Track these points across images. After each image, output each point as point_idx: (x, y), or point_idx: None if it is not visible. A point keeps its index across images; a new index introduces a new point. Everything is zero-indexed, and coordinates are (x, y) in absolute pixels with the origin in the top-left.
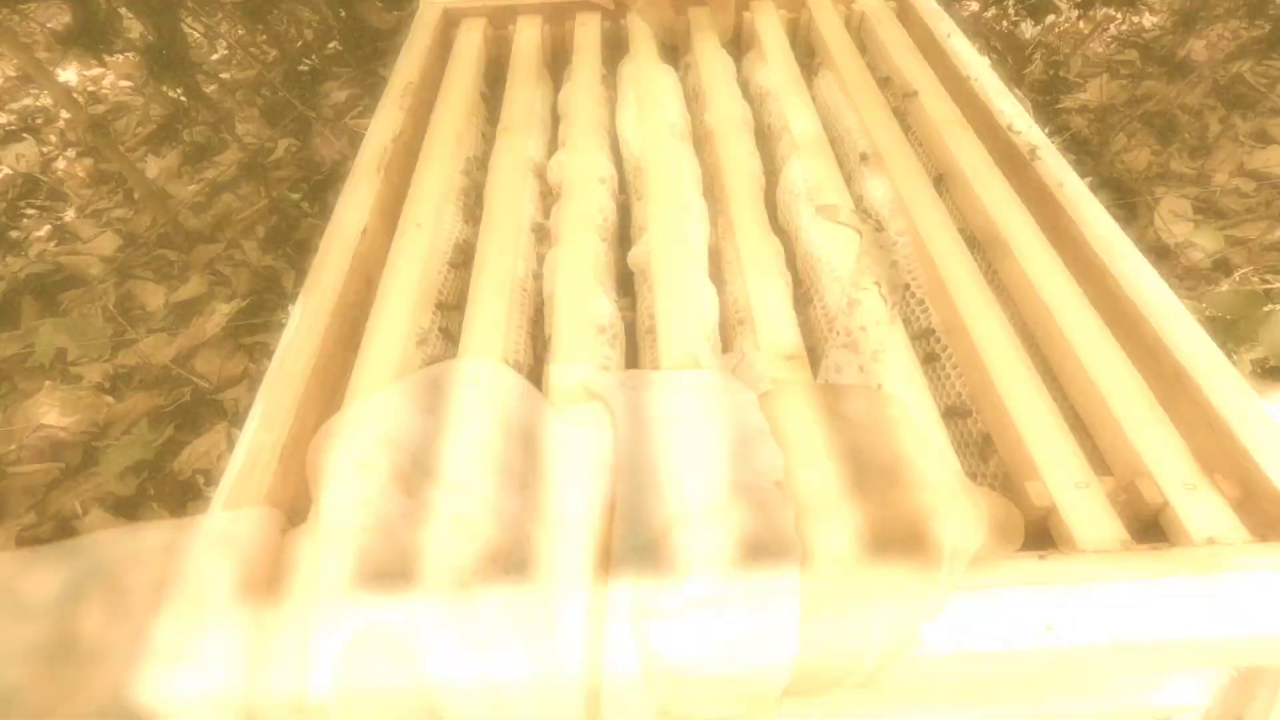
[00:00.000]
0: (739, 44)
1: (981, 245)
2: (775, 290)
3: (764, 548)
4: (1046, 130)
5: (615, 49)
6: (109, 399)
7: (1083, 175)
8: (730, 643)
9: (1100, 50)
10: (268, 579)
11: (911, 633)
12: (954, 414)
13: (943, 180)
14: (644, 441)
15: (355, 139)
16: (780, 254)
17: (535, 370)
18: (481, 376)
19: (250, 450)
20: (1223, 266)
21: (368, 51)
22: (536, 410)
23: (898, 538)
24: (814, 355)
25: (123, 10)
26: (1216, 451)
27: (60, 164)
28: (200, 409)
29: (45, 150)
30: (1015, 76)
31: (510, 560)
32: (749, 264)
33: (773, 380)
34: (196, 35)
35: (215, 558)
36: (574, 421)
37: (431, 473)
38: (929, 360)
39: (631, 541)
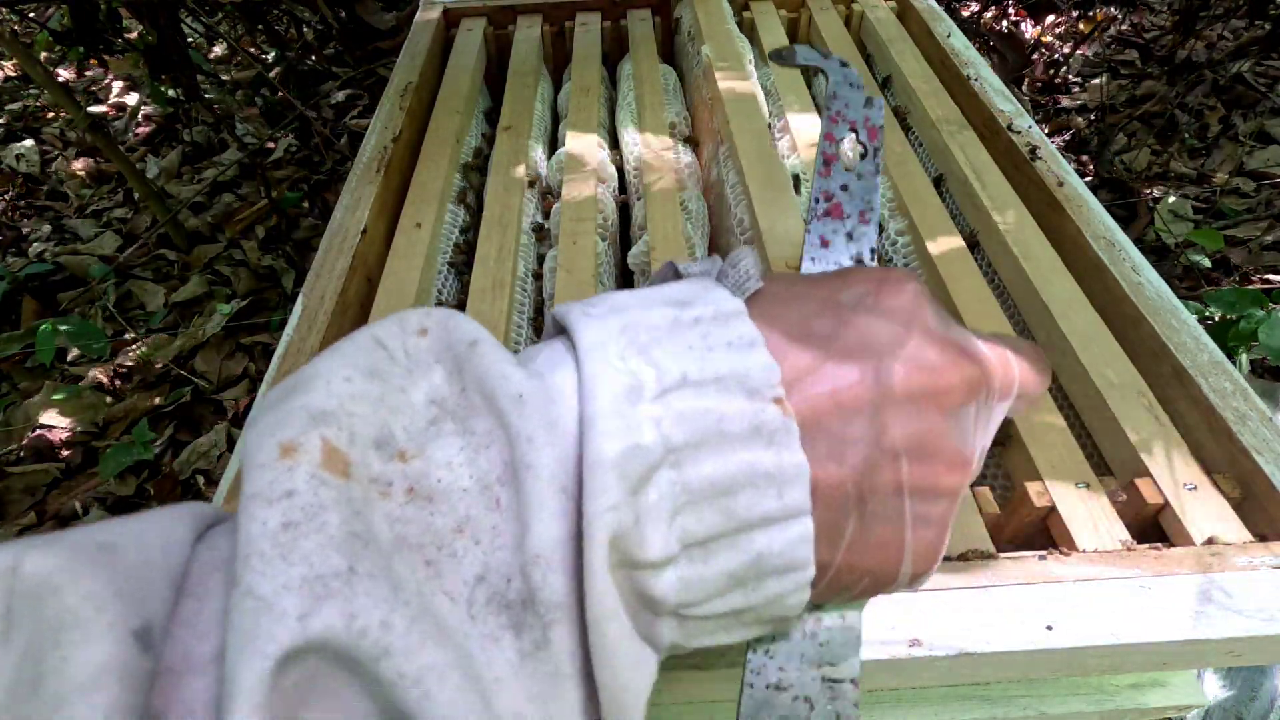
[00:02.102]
0: None
1: (981, 245)
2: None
3: (769, 475)
4: (1046, 130)
5: (615, 49)
6: (109, 399)
7: (1083, 175)
8: (735, 576)
9: (1100, 50)
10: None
11: (947, 524)
12: None
13: (943, 180)
14: (616, 377)
15: (355, 139)
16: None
17: None
18: (429, 326)
19: None
20: (1223, 266)
21: (367, 51)
22: (494, 357)
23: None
24: None
25: (123, 10)
26: (1216, 451)
27: (60, 164)
28: (200, 409)
29: (45, 150)
30: (1015, 76)
31: (480, 529)
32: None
33: (763, 278)
34: (197, 35)
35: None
36: (537, 366)
37: (381, 444)
38: None
39: (613, 496)
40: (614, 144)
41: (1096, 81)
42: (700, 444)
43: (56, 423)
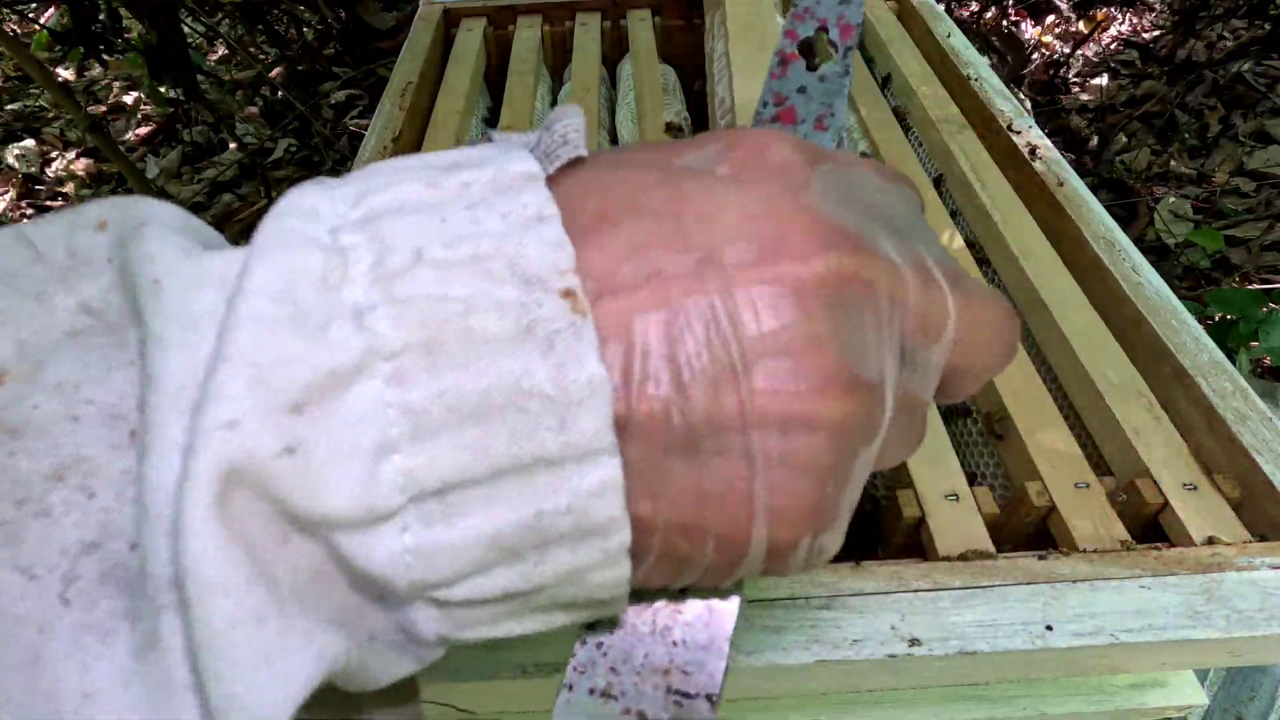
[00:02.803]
0: None
1: (981, 245)
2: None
3: (545, 396)
4: (1046, 130)
5: (615, 49)
6: None
7: (1083, 175)
8: (502, 544)
9: (1100, 50)
10: None
11: (828, 472)
12: (954, 414)
13: (943, 180)
14: (306, 254)
15: (355, 139)
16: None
17: None
18: (111, 218)
19: None
20: (1223, 266)
21: (367, 51)
22: (157, 240)
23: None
24: None
25: (123, 10)
26: (1216, 451)
27: (60, 164)
28: None
29: (45, 150)
30: (1015, 76)
31: (99, 474)
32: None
33: (590, 150)
34: (197, 35)
35: None
36: (226, 249)
37: None
38: None
39: (236, 408)
40: (614, 144)
41: (1096, 81)
42: (434, 347)
43: None
